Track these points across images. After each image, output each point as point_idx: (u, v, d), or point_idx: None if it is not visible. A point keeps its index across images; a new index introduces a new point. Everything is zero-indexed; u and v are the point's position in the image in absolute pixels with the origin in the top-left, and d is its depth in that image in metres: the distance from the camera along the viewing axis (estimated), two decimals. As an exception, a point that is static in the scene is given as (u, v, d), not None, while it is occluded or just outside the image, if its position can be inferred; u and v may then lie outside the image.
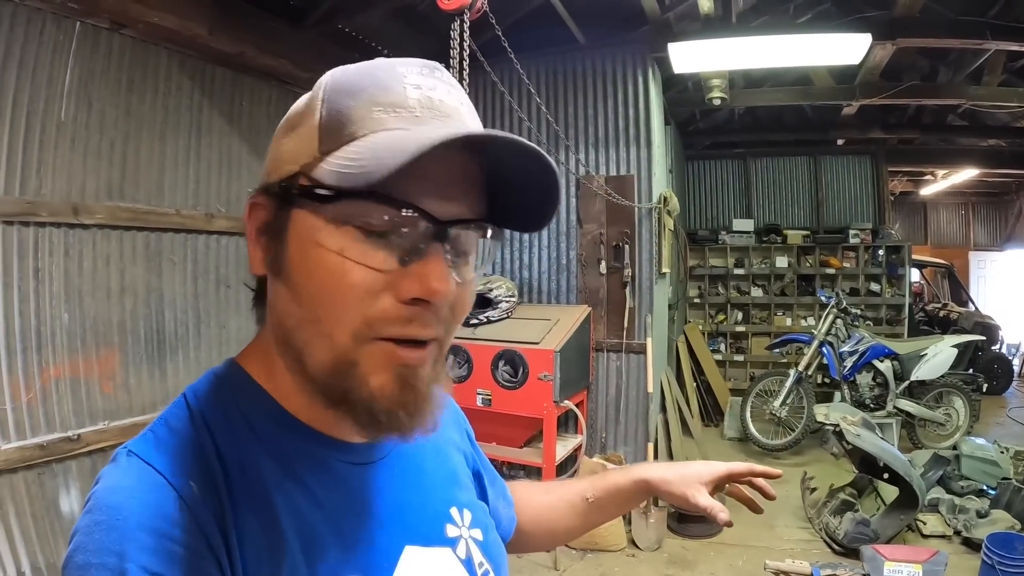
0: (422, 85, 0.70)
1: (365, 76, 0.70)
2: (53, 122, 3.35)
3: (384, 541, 0.77)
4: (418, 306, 0.67)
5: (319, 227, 0.67)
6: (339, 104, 0.69)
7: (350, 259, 0.66)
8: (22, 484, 3.13)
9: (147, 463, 0.66)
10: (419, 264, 0.67)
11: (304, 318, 0.69)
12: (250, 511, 0.68)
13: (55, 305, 3.35)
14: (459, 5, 3.23)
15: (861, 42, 4.90)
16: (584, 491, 1.26)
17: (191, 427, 0.71)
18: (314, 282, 0.67)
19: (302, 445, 0.75)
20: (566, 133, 5.55)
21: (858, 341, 6.90)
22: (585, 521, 1.27)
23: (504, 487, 1.18)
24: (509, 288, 5.23)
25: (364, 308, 0.66)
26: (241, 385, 0.77)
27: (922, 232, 15.16)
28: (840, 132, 9.11)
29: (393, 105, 0.68)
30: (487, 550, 0.91)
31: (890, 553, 4.00)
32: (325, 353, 0.69)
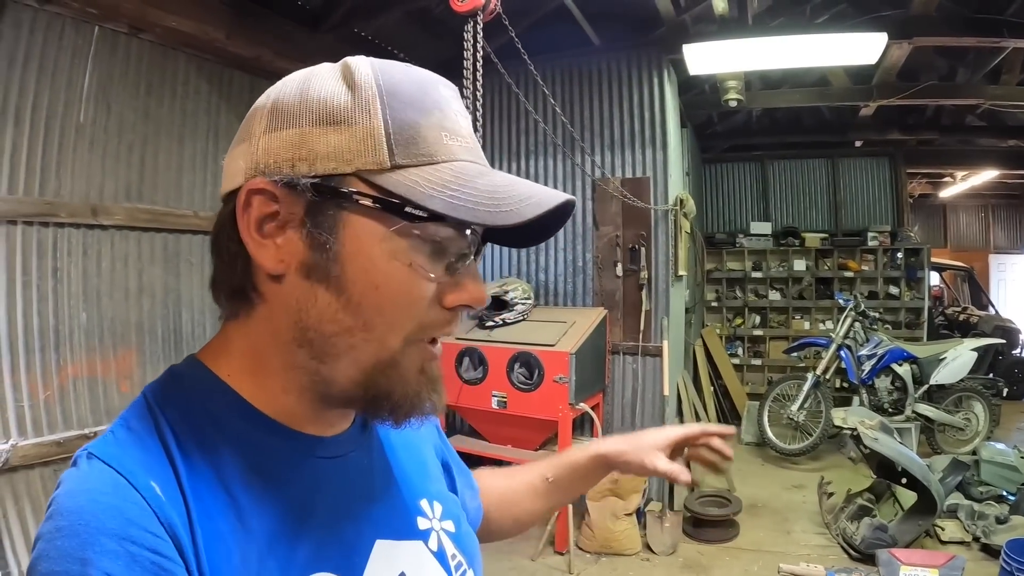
0: (461, 112, 0.74)
1: (422, 91, 0.71)
2: (72, 125, 3.38)
3: (355, 535, 0.77)
4: (463, 311, 0.74)
5: (386, 236, 0.67)
6: (406, 116, 0.68)
7: (418, 272, 0.69)
8: (38, 480, 3.16)
9: (107, 464, 0.64)
10: (464, 275, 0.73)
11: (354, 326, 0.69)
12: (214, 508, 0.66)
13: (73, 305, 3.38)
14: (472, 7, 3.22)
15: (877, 41, 4.84)
16: (544, 472, 1.26)
17: (151, 426, 0.69)
18: (382, 293, 0.68)
19: (268, 440, 0.74)
20: (581, 135, 5.53)
21: (877, 345, 6.81)
22: (547, 502, 1.28)
23: (470, 477, 1.17)
24: (525, 290, 5.21)
25: (422, 315, 0.71)
26: (204, 382, 0.75)
27: (941, 235, 14.93)
28: (858, 134, 8.99)
29: (455, 133, 0.71)
30: (459, 542, 0.91)
31: (906, 557, 3.96)
32: (370, 358, 0.70)
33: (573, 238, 5.67)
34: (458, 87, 0.78)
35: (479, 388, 4.71)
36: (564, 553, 4.65)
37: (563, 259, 5.69)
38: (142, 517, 0.61)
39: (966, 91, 6.86)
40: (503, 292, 5.04)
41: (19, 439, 3.07)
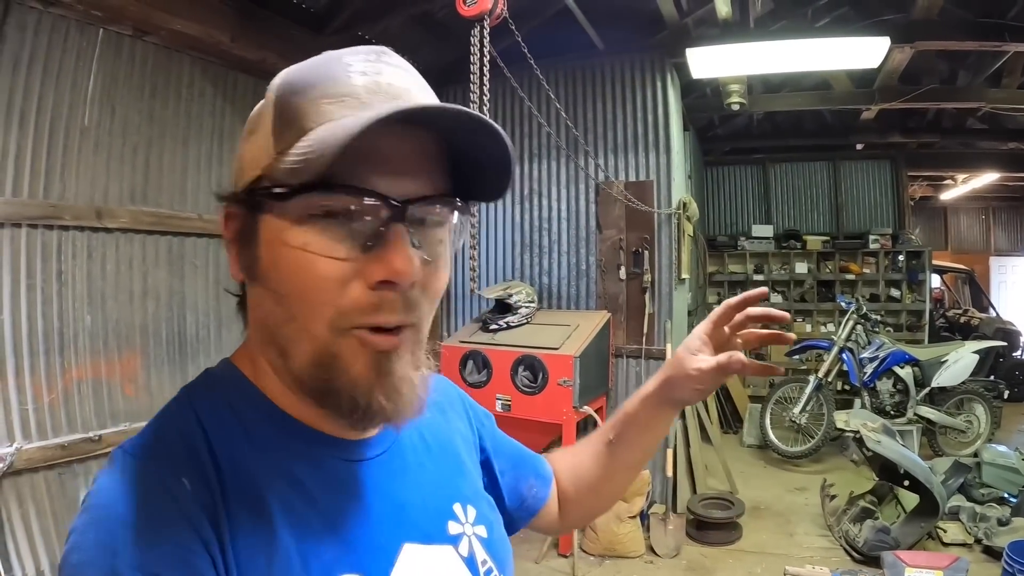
0: (368, 71, 0.70)
1: (312, 71, 0.70)
2: (77, 127, 3.37)
3: (382, 539, 0.76)
4: (386, 290, 0.67)
5: (284, 227, 0.67)
6: (288, 102, 0.69)
7: (314, 252, 0.66)
8: (43, 483, 3.14)
9: (141, 461, 0.67)
10: (381, 247, 0.66)
11: (283, 317, 0.70)
12: (243, 508, 0.67)
13: (78, 307, 3.36)
14: (479, 11, 3.23)
15: (880, 45, 4.82)
16: (605, 435, 1.18)
17: (185, 425, 0.71)
18: (286, 281, 0.68)
19: (295, 442, 0.75)
20: (585, 139, 5.50)
21: (878, 347, 6.78)
22: (618, 464, 1.18)
23: (538, 464, 1.16)
24: (529, 294, 5.19)
25: (335, 299, 0.66)
26: (235, 383, 0.77)
27: (942, 237, 14.87)
28: (859, 137, 8.99)
29: (340, 95, 0.67)
30: (491, 547, 0.89)
31: (911, 559, 3.94)
32: (307, 348, 0.69)
33: (577, 241, 5.64)
34: (464, 91, 0.76)
35: (483, 391, 4.67)
36: (568, 556, 4.62)
37: (567, 262, 5.67)
38: (172, 513, 0.63)
39: (967, 94, 6.86)
40: (507, 295, 5.01)
41: (23, 442, 3.05)
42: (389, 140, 0.65)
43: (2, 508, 2.97)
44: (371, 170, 0.65)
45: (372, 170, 0.66)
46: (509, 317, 5.00)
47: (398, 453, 0.85)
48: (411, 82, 0.73)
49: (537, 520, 1.15)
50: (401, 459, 0.85)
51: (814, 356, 7.84)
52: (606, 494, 1.23)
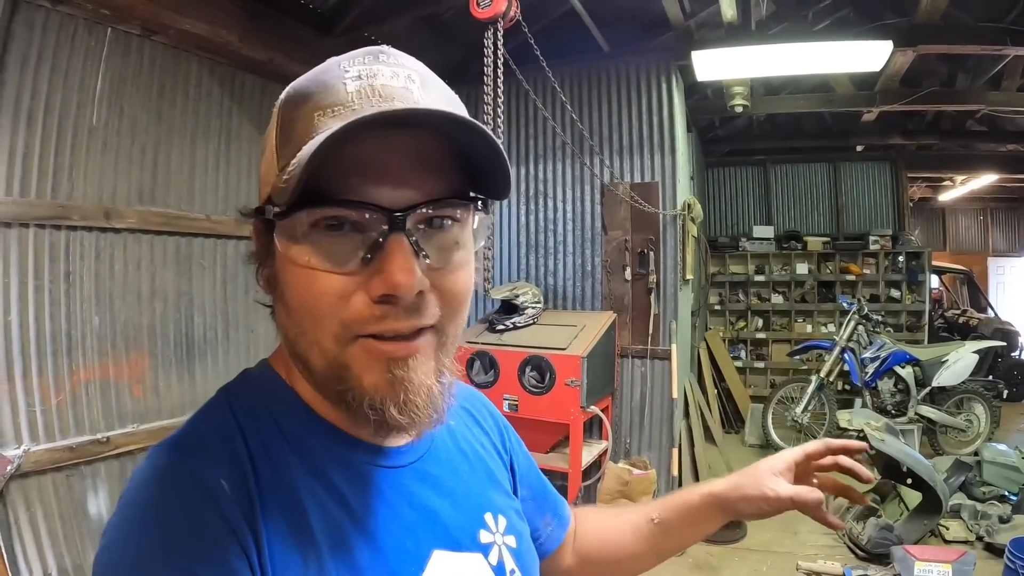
0: (362, 74, 0.67)
1: (310, 82, 0.69)
2: (85, 127, 3.32)
3: (412, 545, 0.76)
4: (388, 302, 0.65)
5: (289, 244, 0.66)
6: (287, 117, 0.68)
7: (316, 268, 0.65)
8: (50, 486, 3.10)
9: (179, 461, 0.67)
10: (380, 260, 0.64)
11: (297, 331, 0.69)
12: (279, 510, 0.67)
13: (86, 308, 3.32)
14: (493, 14, 3.24)
15: (882, 49, 4.81)
16: (650, 512, 1.13)
17: (223, 425, 0.71)
18: (295, 297, 0.67)
19: (331, 447, 0.75)
20: (591, 140, 5.47)
21: (880, 347, 6.76)
22: (652, 547, 1.13)
23: (557, 505, 1.13)
24: (535, 294, 5.16)
25: (339, 312, 0.65)
26: (272, 386, 0.77)
27: (941, 238, 14.87)
28: (860, 138, 8.94)
29: (332, 105, 0.65)
30: (520, 557, 0.88)
31: (920, 553, 3.97)
32: (319, 359, 0.68)
33: (582, 242, 5.61)
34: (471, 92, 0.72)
35: (490, 392, 4.62)
36: (575, 556, 4.56)
37: (572, 263, 5.63)
38: (209, 513, 0.62)
39: (967, 97, 6.85)
40: (513, 296, 4.98)
41: (31, 444, 3.01)
42: (383, 147, 0.64)
43: (10, 510, 2.93)
44: (366, 180, 0.64)
45: (367, 180, 0.64)
46: (516, 318, 4.96)
47: (433, 460, 0.84)
48: (409, 80, 0.69)
49: (546, 564, 1.10)
50: (435, 466, 0.84)
51: (815, 356, 7.83)
52: (626, 570, 1.18)
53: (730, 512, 1.07)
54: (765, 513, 1.04)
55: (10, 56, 2.97)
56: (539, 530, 1.06)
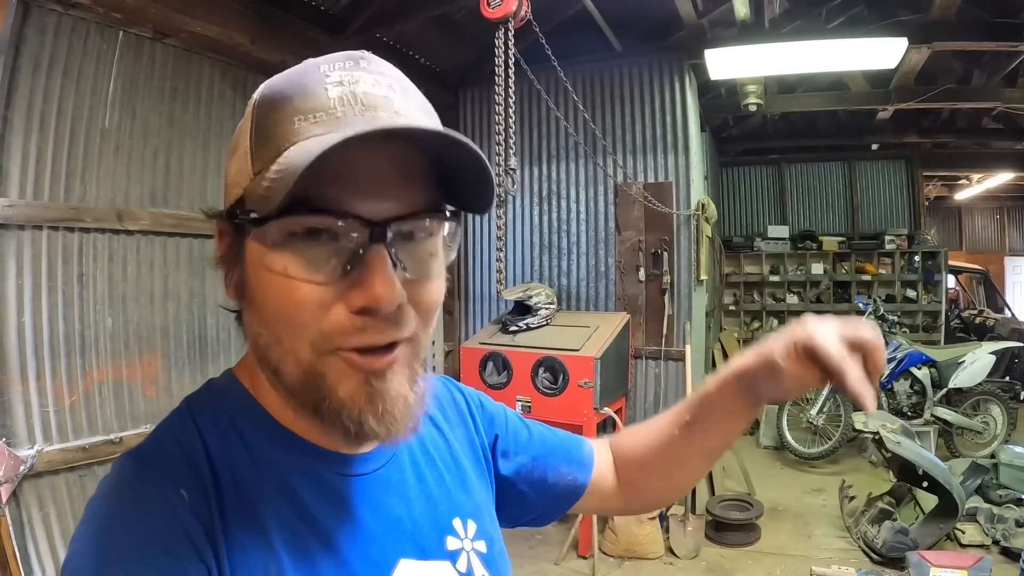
0: (344, 80, 0.66)
1: (288, 84, 0.67)
2: (97, 129, 3.32)
3: (377, 554, 0.75)
4: (368, 315, 0.64)
5: (264, 251, 0.64)
6: (264, 119, 0.66)
7: (295, 277, 0.63)
8: (63, 485, 3.10)
9: (140, 471, 0.67)
10: (360, 271, 0.63)
11: (270, 339, 0.67)
12: (240, 520, 0.67)
13: (99, 309, 3.31)
14: (503, 14, 3.23)
15: (897, 46, 4.76)
16: (680, 415, 1.02)
17: (185, 436, 0.70)
18: (270, 304, 0.65)
19: (293, 456, 0.73)
20: (604, 140, 5.44)
21: (896, 348, 6.69)
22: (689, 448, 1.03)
23: (571, 450, 1.08)
24: (548, 295, 5.13)
25: (317, 322, 0.64)
26: (235, 396, 0.76)
27: (957, 237, 14.73)
28: (875, 137, 8.88)
29: (314, 110, 0.64)
30: (490, 563, 0.87)
31: (935, 559, 3.91)
32: (294, 368, 0.66)
33: (596, 243, 5.58)
34: (481, 93, 0.70)
35: (503, 393, 4.61)
36: (588, 557, 4.56)
37: (586, 264, 5.61)
38: (169, 524, 0.62)
39: (983, 94, 6.79)
40: (527, 297, 4.96)
41: (44, 444, 3.01)
42: (366, 157, 0.62)
43: (23, 510, 2.93)
44: (348, 190, 0.62)
45: (349, 190, 0.62)
46: (529, 319, 4.94)
47: (396, 467, 0.82)
48: (391, 87, 0.68)
49: (589, 502, 1.08)
50: (399, 473, 0.82)
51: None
52: (678, 481, 1.11)
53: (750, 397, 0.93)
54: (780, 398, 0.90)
55: (22, 59, 2.96)
56: (557, 483, 1.04)
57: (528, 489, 1.02)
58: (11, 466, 2.84)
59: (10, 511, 2.85)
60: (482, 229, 6.04)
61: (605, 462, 1.11)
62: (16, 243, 2.96)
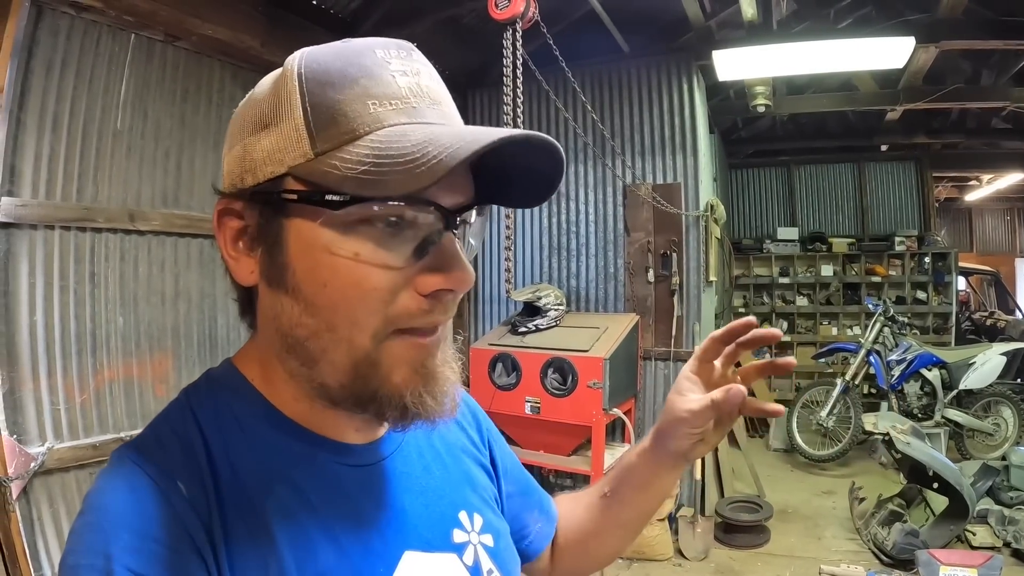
0: (407, 71, 0.66)
1: (345, 62, 0.65)
2: (109, 131, 3.33)
3: (381, 546, 0.74)
4: (439, 299, 0.66)
5: (326, 233, 0.63)
6: (325, 97, 0.63)
7: (367, 262, 0.63)
8: (74, 483, 3.10)
9: (138, 465, 0.65)
10: (437, 256, 0.65)
11: (319, 328, 0.66)
12: (239, 512, 0.66)
13: (110, 309, 3.32)
14: (511, 15, 3.23)
15: (905, 46, 4.72)
16: (601, 487, 1.06)
17: (183, 427, 0.70)
18: (331, 291, 0.64)
19: (295, 446, 0.73)
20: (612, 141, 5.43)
21: (906, 350, 6.65)
22: (612, 520, 1.05)
23: (543, 501, 1.10)
24: (557, 296, 5.12)
25: (384, 307, 0.64)
26: (234, 386, 0.75)
27: (967, 239, 14.61)
28: (884, 138, 8.81)
29: (387, 96, 0.63)
30: (497, 556, 0.86)
31: (945, 557, 3.90)
32: (344, 359, 0.66)
33: (604, 244, 5.56)
34: (491, 96, 0.71)
35: (512, 394, 4.61)
36: (596, 558, 4.53)
37: (595, 265, 5.58)
38: (166, 516, 0.62)
39: (992, 94, 6.75)
40: (536, 298, 4.95)
41: (55, 442, 3.01)
42: None
43: (33, 507, 2.94)
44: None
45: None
46: (538, 320, 4.92)
47: (402, 458, 0.82)
48: (440, 83, 0.70)
49: (532, 564, 1.07)
50: (405, 464, 0.82)
51: (840, 359, 7.74)
52: (594, 553, 1.11)
53: (669, 456, 0.95)
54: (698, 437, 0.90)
55: (35, 61, 2.98)
56: (528, 527, 1.04)
57: (508, 518, 0.99)
58: (22, 463, 2.85)
59: (20, 507, 2.85)
60: (491, 231, 6.02)
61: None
62: (29, 242, 2.97)
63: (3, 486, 2.74)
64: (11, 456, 2.81)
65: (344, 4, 4.60)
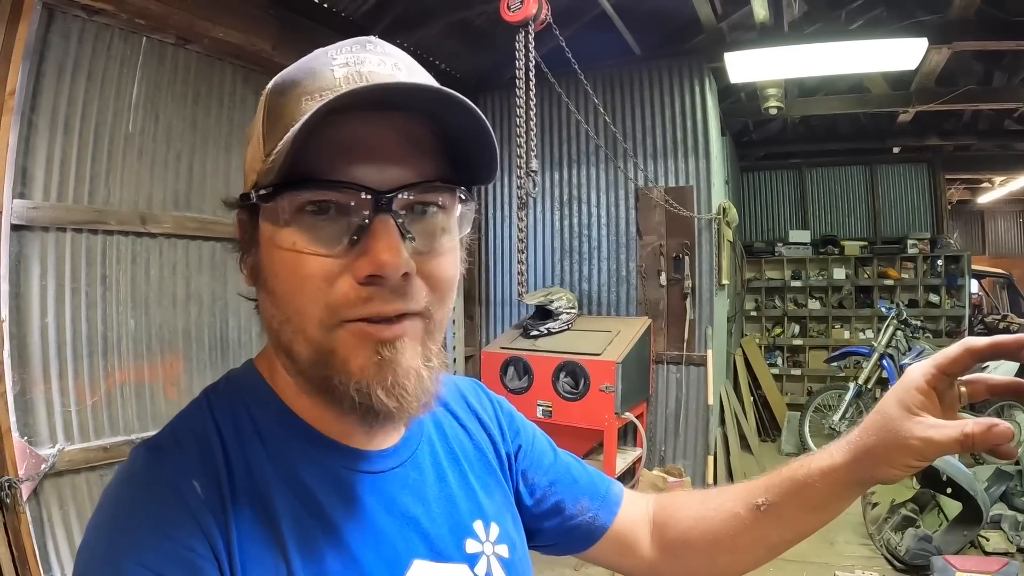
0: (350, 61, 0.67)
1: (297, 70, 0.68)
2: (121, 134, 3.32)
3: (389, 554, 0.73)
4: (375, 284, 0.64)
5: (274, 229, 0.65)
6: (274, 103, 0.67)
7: (302, 251, 0.64)
8: (84, 485, 3.10)
9: (156, 463, 0.66)
10: (366, 240, 0.63)
11: (280, 318, 0.68)
12: (251, 513, 0.66)
13: (122, 311, 3.31)
14: (523, 17, 3.24)
15: (917, 47, 4.68)
16: (754, 495, 0.90)
17: (201, 426, 0.70)
18: (279, 281, 0.66)
19: (308, 449, 0.73)
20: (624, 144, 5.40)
21: (919, 353, 6.55)
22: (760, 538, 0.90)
23: (597, 486, 1.01)
24: (569, 300, 5.09)
25: (323, 296, 0.64)
26: (252, 387, 0.76)
27: (980, 241, 14.43)
28: (896, 140, 8.73)
29: (320, 89, 0.65)
30: (511, 567, 0.84)
31: (960, 564, 3.84)
32: (304, 347, 0.67)
33: (617, 247, 5.53)
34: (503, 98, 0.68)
35: (524, 397, 4.58)
36: (609, 563, 4.48)
37: (607, 268, 5.55)
38: (179, 514, 0.62)
39: (1004, 95, 6.67)
40: (548, 301, 4.92)
41: (66, 444, 3.00)
42: (366, 128, 0.63)
43: (43, 508, 2.93)
44: (352, 161, 0.63)
45: (353, 161, 0.63)
46: (550, 323, 4.90)
47: (415, 465, 0.81)
48: (396, 68, 0.69)
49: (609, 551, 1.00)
50: (418, 472, 0.81)
51: (853, 363, 7.66)
52: (723, 566, 0.95)
53: (867, 483, 0.81)
54: (917, 468, 0.75)
55: (47, 64, 2.97)
56: (575, 516, 0.98)
57: (540, 512, 0.97)
58: (32, 464, 2.84)
59: (30, 509, 2.84)
60: (502, 234, 6.01)
61: (639, 514, 1.01)
62: (40, 245, 2.97)
63: (13, 487, 2.73)
64: (22, 457, 2.80)
65: (355, 7, 4.59)
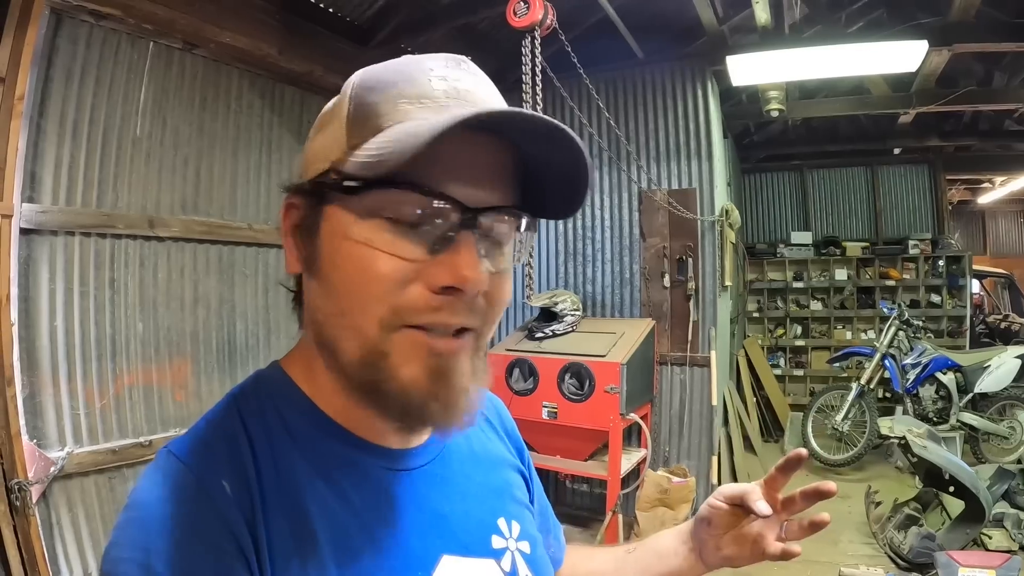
0: (448, 76, 0.67)
1: (392, 71, 0.68)
2: (129, 138, 3.33)
3: (420, 549, 0.74)
4: (449, 295, 0.64)
5: (349, 220, 0.65)
6: (366, 99, 0.67)
7: (378, 249, 0.63)
8: (93, 487, 3.10)
9: (183, 462, 0.66)
10: (449, 252, 0.63)
11: (333, 311, 0.67)
12: (281, 513, 0.66)
13: (130, 315, 3.32)
14: (530, 22, 3.25)
15: (918, 49, 4.67)
16: (627, 546, 1.11)
17: (230, 427, 0.70)
18: (341, 274, 0.65)
19: (338, 448, 0.73)
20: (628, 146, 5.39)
21: (921, 353, 6.56)
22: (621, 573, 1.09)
23: (558, 528, 1.10)
24: (574, 302, 5.07)
25: (392, 297, 0.63)
26: (281, 387, 0.75)
27: (980, 242, 14.38)
28: (897, 141, 8.71)
29: (419, 96, 0.65)
30: (534, 563, 0.86)
31: (964, 559, 3.82)
32: (355, 344, 0.66)
33: (620, 250, 5.50)
34: (509, 102, 0.68)
35: (529, 399, 4.55)
36: (614, 562, 4.46)
37: (611, 270, 5.53)
38: (208, 514, 0.62)
39: (1004, 96, 6.64)
40: (552, 303, 4.90)
41: (75, 446, 3.01)
42: (465, 147, 0.63)
43: (52, 511, 2.92)
44: (447, 175, 0.63)
45: (448, 175, 0.63)
46: (555, 325, 4.87)
47: (444, 463, 0.82)
48: (488, 92, 0.70)
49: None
50: (446, 469, 0.82)
51: (855, 363, 7.64)
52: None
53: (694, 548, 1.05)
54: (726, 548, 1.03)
55: (55, 69, 2.98)
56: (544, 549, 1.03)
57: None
58: (41, 467, 2.83)
59: (40, 511, 2.84)
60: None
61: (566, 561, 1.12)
62: (49, 248, 2.97)
63: (23, 490, 2.72)
64: (31, 460, 2.79)
65: (361, 12, 4.57)
